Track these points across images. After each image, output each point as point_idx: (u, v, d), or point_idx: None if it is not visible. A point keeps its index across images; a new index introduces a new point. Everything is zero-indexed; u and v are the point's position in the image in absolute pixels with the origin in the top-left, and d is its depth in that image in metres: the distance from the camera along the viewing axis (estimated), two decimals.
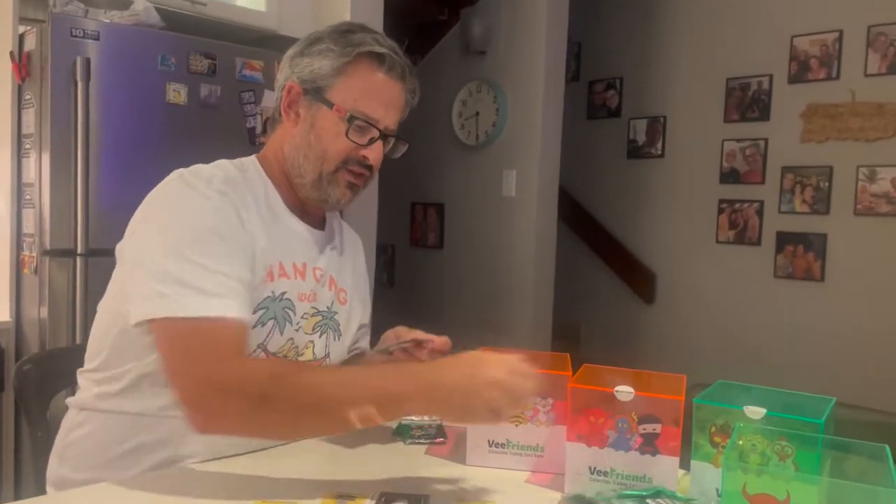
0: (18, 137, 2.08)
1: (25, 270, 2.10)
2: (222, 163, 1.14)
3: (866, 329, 3.17)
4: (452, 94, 3.67)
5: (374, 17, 2.73)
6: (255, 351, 1.08)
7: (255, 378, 0.96)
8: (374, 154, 1.15)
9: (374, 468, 1.08)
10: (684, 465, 0.98)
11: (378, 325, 1.35)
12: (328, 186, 1.15)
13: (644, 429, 0.96)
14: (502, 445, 1.10)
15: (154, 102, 2.14)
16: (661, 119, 3.83)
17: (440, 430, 1.24)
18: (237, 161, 1.17)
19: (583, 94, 4.13)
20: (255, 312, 1.06)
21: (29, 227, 2.08)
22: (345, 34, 1.14)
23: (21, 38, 2.06)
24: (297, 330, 1.13)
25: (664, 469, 0.96)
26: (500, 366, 0.94)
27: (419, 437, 1.22)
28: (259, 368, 1.00)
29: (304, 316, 1.15)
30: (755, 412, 0.91)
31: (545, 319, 3.52)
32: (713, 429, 0.94)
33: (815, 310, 3.32)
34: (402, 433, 1.23)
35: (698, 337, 3.68)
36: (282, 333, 1.11)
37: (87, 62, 1.99)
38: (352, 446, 1.16)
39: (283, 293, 1.11)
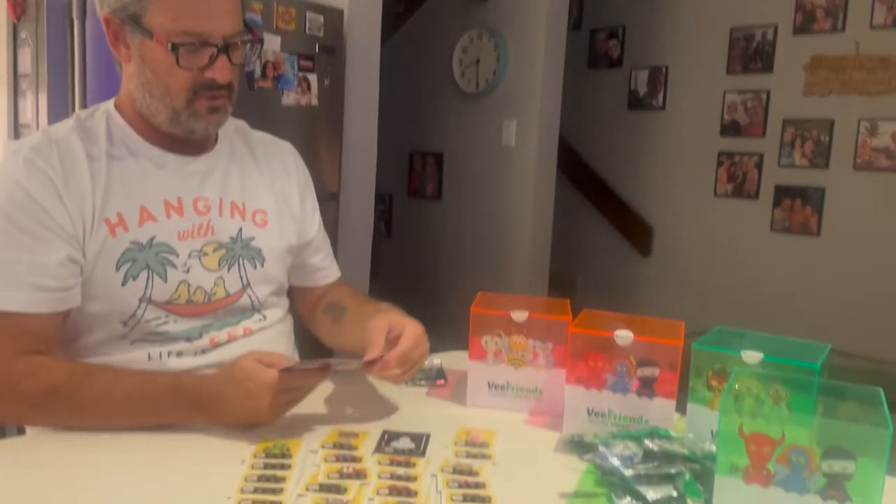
0: (15, 77, 2.05)
1: None
2: (68, 120, 1.07)
3: (860, 282, 3.21)
4: (453, 41, 3.62)
5: None
6: (139, 306, 1.02)
7: (27, 388, 0.94)
8: (221, 72, 1.02)
9: (376, 408, 1.10)
10: (680, 408, 1.00)
11: (379, 273, 1.34)
12: (188, 120, 1.04)
13: (642, 372, 0.98)
14: (502, 387, 1.12)
15: None
16: (664, 69, 3.79)
17: (440, 373, 1.26)
18: (90, 109, 1.10)
19: (584, 43, 4.08)
20: (117, 270, 1.01)
21: None
22: None
23: None
24: (187, 271, 1.05)
25: (661, 411, 0.99)
26: (254, 380, 0.93)
27: (420, 380, 1.23)
28: (37, 377, 0.95)
29: (195, 254, 1.07)
30: (752, 357, 0.93)
31: (542, 269, 3.54)
32: (710, 373, 0.96)
33: (810, 263, 3.35)
34: None
35: (694, 289, 3.71)
36: (166, 280, 1.04)
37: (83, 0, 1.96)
38: (354, 387, 1.18)
39: (152, 238, 1.03)
